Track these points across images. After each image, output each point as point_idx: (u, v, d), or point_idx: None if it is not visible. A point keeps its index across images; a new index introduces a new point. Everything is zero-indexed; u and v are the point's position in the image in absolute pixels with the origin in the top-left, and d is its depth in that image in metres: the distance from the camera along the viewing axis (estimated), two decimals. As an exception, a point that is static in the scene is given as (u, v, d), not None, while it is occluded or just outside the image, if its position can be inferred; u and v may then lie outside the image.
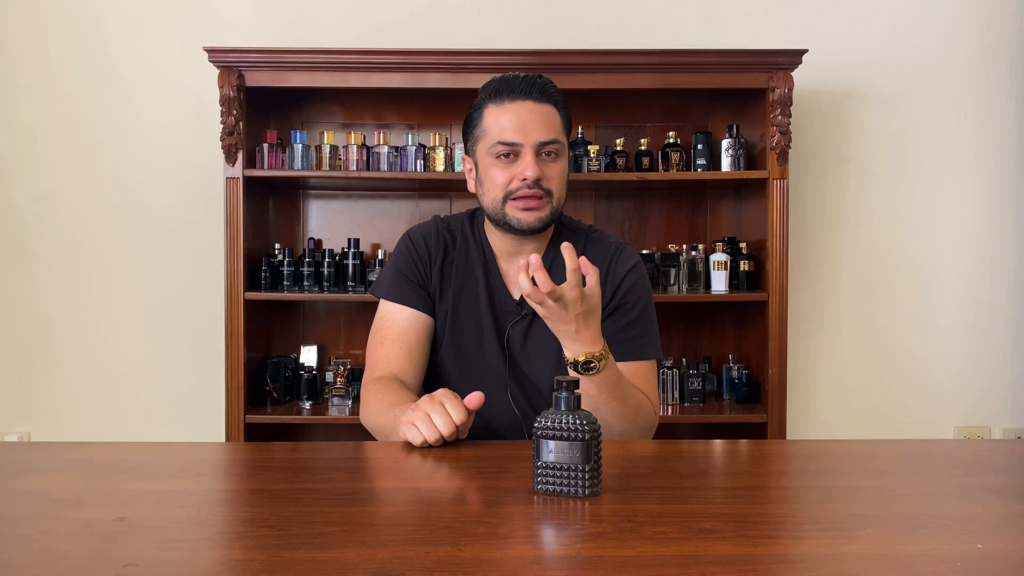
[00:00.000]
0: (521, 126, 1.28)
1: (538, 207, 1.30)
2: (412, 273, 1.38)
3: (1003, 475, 0.98)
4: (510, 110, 1.29)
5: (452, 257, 1.39)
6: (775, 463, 1.09)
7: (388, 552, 0.69)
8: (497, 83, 1.33)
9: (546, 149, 1.30)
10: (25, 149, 2.67)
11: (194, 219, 2.66)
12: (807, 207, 2.73)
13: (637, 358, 1.35)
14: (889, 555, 0.69)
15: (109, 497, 0.87)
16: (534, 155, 1.28)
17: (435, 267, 1.38)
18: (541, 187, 1.29)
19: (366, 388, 1.32)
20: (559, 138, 1.31)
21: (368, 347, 1.38)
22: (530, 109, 1.29)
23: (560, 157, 1.32)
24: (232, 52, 2.32)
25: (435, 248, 1.39)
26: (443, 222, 1.44)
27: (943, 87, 2.73)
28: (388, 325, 1.36)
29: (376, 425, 1.26)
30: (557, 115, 1.32)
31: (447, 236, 1.41)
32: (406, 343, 1.35)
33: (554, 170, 1.30)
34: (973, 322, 2.76)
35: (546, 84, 1.32)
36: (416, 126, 2.69)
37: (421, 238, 1.41)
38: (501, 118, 1.30)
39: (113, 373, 2.68)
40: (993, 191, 2.74)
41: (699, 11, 2.70)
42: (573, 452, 0.84)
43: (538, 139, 1.28)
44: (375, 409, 1.25)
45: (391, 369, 1.33)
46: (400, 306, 1.37)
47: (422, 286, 1.38)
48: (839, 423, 2.75)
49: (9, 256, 2.68)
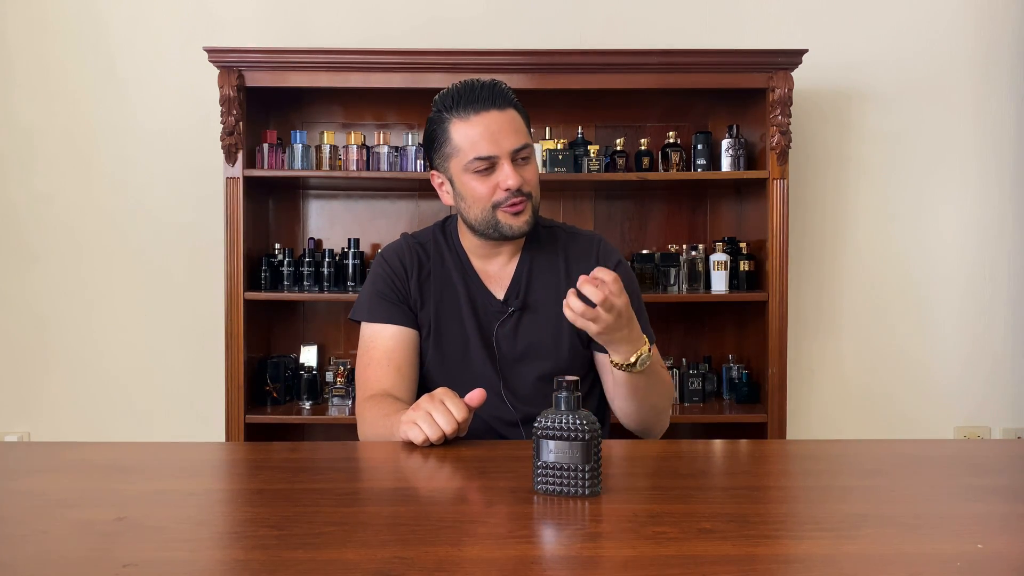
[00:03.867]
0: (492, 137, 1.30)
1: (524, 210, 1.33)
2: (391, 290, 1.39)
3: (1003, 475, 0.98)
4: (478, 123, 1.30)
5: (428, 268, 1.41)
6: (775, 463, 1.09)
7: (388, 552, 0.69)
8: (456, 95, 1.33)
9: (520, 155, 1.32)
10: (24, 149, 2.67)
11: (194, 219, 2.65)
12: (807, 207, 2.73)
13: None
14: (889, 555, 0.69)
15: (109, 497, 0.87)
16: (511, 163, 1.30)
17: (412, 280, 1.39)
18: (522, 192, 1.31)
19: (361, 406, 1.33)
20: (527, 141, 1.34)
21: (357, 370, 1.39)
22: (496, 119, 1.30)
23: (531, 159, 1.35)
24: (232, 52, 2.32)
25: (409, 263, 1.41)
26: (412, 238, 1.46)
27: (943, 87, 2.73)
28: (374, 346, 1.37)
29: (375, 437, 1.25)
30: (519, 118, 1.34)
31: (419, 250, 1.43)
32: (393, 360, 1.35)
33: (529, 172, 1.34)
34: (973, 322, 2.76)
35: (503, 88, 1.34)
36: (416, 126, 2.69)
37: (395, 255, 1.43)
38: (471, 132, 1.30)
39: (113, 373, 2.68)
40: (993, 191, 2.74)
41: (699, 11, 2.70)
42: (573, 452, 0.84)
43: (511, 147, 1.30)
44: (371, 424, 1.26)
45: (382, 387, 1.33)
46: (383, 325, 1.37)
47: (402, 301, 1.38)
48: (839, 423, 2.75)
49: (8, 256, 2.68)
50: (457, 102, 1.32)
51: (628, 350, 1.17)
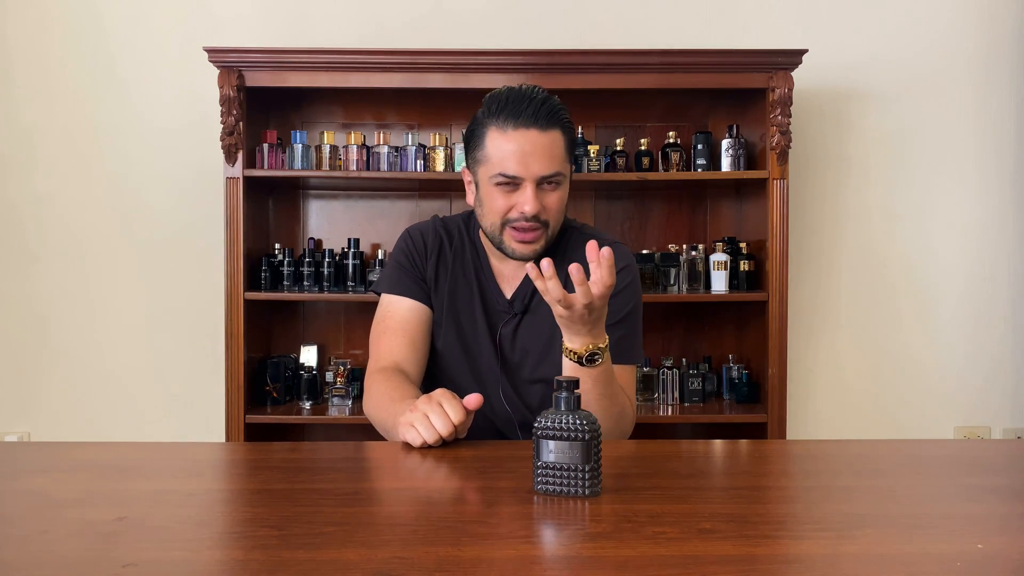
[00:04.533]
0: (523, 159, 1.26)
1: (533, 240, 1.30)
2: (411, 265, 1.40)
3: (1003, 475, 0.98)
4: (514, 139, 1.26)
5: (447, 254, 1.42)
6: (775, 463, 1.09)
7: (388, 552, 0.69)
8: (503, 102, 1.28)
9: (548, 181, 1.28)
10: (25, 149, 2.67)
11: (194, 219, 2.65)
12: (807, 207, 2.73)
13: (621, 361, 1.32)
14: (889, 555, 0.69)
15: (109, 497, 0.87)
16: (534, 188, 1.27)
17: (430, 260, 1.40)
18: (539, 219, 1.28)
19: (369, 378, 1.33)
20: (561, 169, 1.29)
21: (371, 339, 1.39)
22: (534, 140, 1.26)
23: (561, 186, 1.31)
24: (232, 52, 2.32)
25: (431, 243, 1.42)
26: (441, 221, 1.46)
27: (943, 87, 2.73)
28: (390, 316, 1.38)
29: (377, 419, 1.26)
30: (562, 141, 1.29)
31: (444, 233, 1.44)
32: (408, 332, 1.36)
33: (553, 200, 1.30)
34: (973, 322, 2.76)
35: (554, 107, 1.28)
36: (416, 126, 2.69)
37: (419, 233, 1.44)
38: (504, 147, 1.27)
39: (113, 373, 2.68)
40: (993, 191, 2.74)
41: (699, 11, 2.70)
42: (573, 452, 0.84)
43: (540, 173, 1.27)
44: (377, 402, 1.26)
45: (394, 358, 1.33)
46: (401, 297, 1.38)
47: (420, 277, 1.40)
48: (839, 423, 2.75)
49: (9, 256, 2.68)
50: (501, 110, 1.28)
51: (582, 342, 1.12)
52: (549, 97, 1.29)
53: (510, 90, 1.30)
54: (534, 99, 1.27)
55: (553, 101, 1.29)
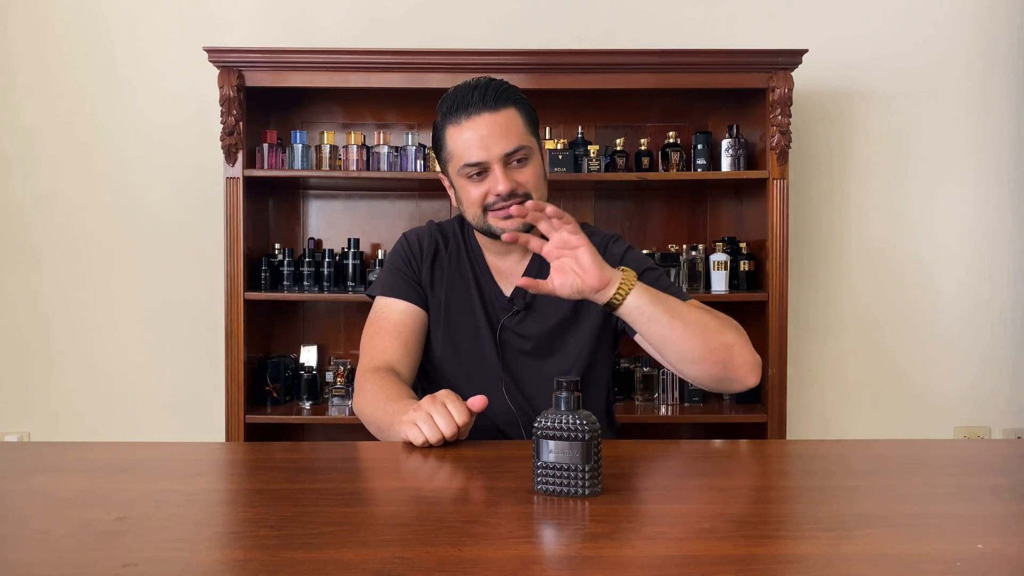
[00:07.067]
0: (482, 143, 1.27)
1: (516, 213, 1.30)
2: (406, 268, 1.41)
3: (1003, 475, 0.98)
4: (468, 128, 1.28)
5: (443, 257, 1.43)
6: (775, 463, 1.09)
7: (388, 552, 0.69)
8: (450, 100, 1.31)
9: (515, 157, 1.29)
10: (26, 149, 2.67)
11: (194, 219, 2.65)
12: (807, 207, 2.73)
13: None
14: (889, 555, 0.69)
15: (109, 497, 0.87)
16: (502, 168, 1.28)
17: (425, 263, 1.41)
18: (516, 195, 1.29)
19: (362, 376, 1.32)
20: (523, 142, 1.29)
21: (363, 340, 1.40)
22: (487, 122, 1.27)
23: (530, 160, 1.31)
24: (232, 52, 2.32)
25: (427, 246, 1.43)
26: (437, 226, 1.48)
27: (943, 87, 2.73)
28: (383, 317, 1.39)
29: (370, 417, 1.25)
30: (518, 117, 1.30)
31: (439, 237, 1.45)
32: (401, 334, 1.36)
33: (526, 174, 1.30)
34: (973, 322, 2.76)
35: (500, 87, 1.30)
36: (416, 126, 2.69)
37: (415, 237, 1.45)
38: (461, 139, 1.29)
39: (113, 373, 2.68)
40: (993, 191, 2.74)
41: (699, 11, 2.70)
42: (573, 452, 0.84)
43: (501, 152, 1.27)
44: (370, 400, 1.25)
45: (386, 359, 1.33)
46: (395, 300, 1.39)
47: (416, 281, 1.41)
48: (839, 423, 2.75)
49: (10, 256, 2.68)
50: (451, 107, 1.31)
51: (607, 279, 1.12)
52: (494, 80, 1.31)
53: (456, 87, 1.32)
54: (478, 86, 1.30)
55: (499, 83, 1.31)
